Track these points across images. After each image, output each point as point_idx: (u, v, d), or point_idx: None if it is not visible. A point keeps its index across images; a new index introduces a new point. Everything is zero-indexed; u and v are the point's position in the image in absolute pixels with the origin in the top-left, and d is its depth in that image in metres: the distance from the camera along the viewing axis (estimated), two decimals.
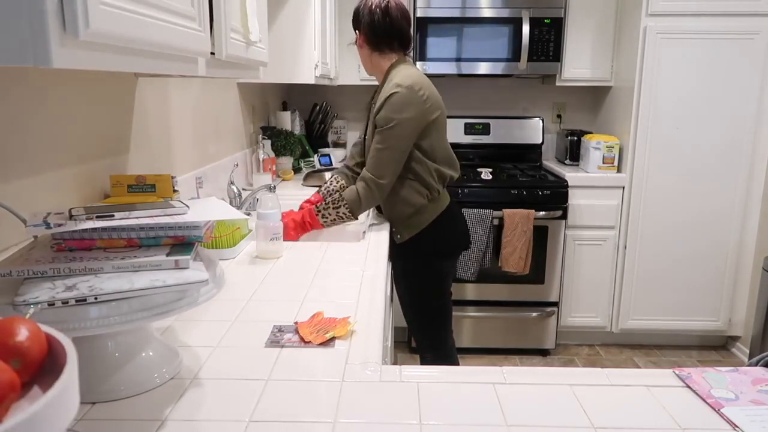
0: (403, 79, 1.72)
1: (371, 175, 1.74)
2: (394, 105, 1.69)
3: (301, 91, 3.47)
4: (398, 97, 1.69)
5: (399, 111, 1.69)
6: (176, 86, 1.78)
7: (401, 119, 1.69)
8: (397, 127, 1.70)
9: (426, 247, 1.86)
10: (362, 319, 1.11)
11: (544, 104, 3.45)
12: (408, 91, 1.70)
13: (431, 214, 1.84)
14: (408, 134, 1.72)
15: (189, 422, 0.76)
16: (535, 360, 3.01)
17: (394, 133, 1.70)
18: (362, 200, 1.75)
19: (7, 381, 0.42)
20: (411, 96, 1.70)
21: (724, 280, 2.94)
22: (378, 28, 1.79)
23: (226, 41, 1.06)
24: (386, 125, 1.71)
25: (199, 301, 0.81)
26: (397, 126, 1.70)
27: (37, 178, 1.09)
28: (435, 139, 1.79)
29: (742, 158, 2.81)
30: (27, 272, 0.75)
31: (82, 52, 0.58)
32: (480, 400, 0.82)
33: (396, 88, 1.70)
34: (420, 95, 1.71)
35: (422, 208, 1.82)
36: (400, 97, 1.69)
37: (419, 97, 1.71)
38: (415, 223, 1.83)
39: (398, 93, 1.70)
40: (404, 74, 1.75)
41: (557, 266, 2.93)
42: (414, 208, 1.81)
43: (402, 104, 1.69)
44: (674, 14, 2.71)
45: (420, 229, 1.84)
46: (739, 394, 0.82)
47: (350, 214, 1.77)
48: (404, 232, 1.85)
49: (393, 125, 1.70)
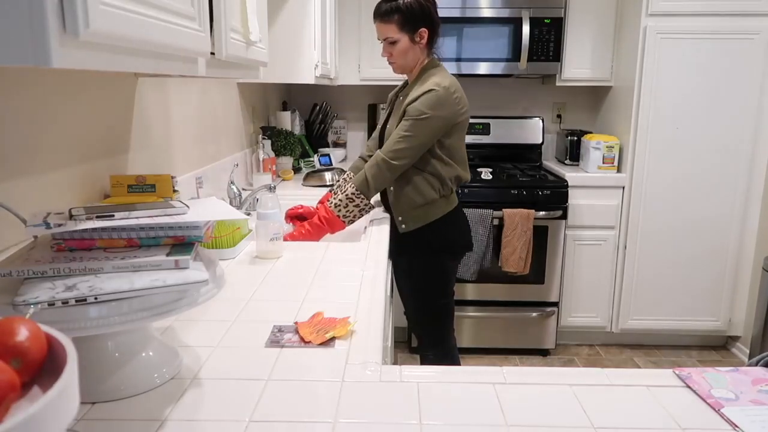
0: (442, 80, 1.77)
1: (384, 156, 1.76)
2: (431, 100, 1.74)
3: (301, 91, 3.47)
4: (436, 94, 1.74)
5: (433, 107, 1.74)
6: (176, 86, 1.78)
7: (433, 115, 1.74)
8: (426, 120, 1.73)
9: (434, 245, 1.87)
10: (362, 319, 1.11)
11: (544, 104, 3.45)
12: (445, 92, 1.75)
13: (440, 210, 1.86)
14: (434, 130, 1.76)
15: (189, 422, 0.76)
16: (535, 360, 3.01)
17: (422, 124, 1.74)
18: (369, 179, 1.76)
19: (7, 381, 0.42)
20: (447, 97, 1.75)
21: (724, 280, 2.94)
22: (438, 26, 1.85)
23: (226, 41, 1.06)
24: (417, 116, 1.74)
25: (199, 301, 0.81)
26: (427, 119, 1.73)
27: (37, 178, 1.09)
28: (456, 140, 1.84)
29: (742, 158, 2.81)
30: (27, 272, 0.75)
31: (82, 52, 0.58)
32: (480, 400, 0.82)
33: (435, 86, 1.75)
34: (455, 98, 1.77)
35: (432, 202, 1.84)
36: (437, 95, 1.74)
37: (454, 99, 1.77)
38: (423, 215, 1.85)
39: (437, 91, 1.74)
40: (442, 75, 1.81)
41: (557, 266, 2.93)
42: (424, 200, 1.83)
43: (438, 102, 1.74)
44: (674, 14, 2.71)
45: (426, 222, 1.85)
46: (739, 394, 0.82)
47: (360, 195, 1.77)
48: (410, 222, 1.86)
49: (424, 118, 1.73)
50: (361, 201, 1.77)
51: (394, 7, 1.77)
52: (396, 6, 1.77)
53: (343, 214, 1.78)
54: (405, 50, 1.82)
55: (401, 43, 1.80)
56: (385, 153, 1.76)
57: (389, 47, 1.83)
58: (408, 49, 1.82)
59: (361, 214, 1.80)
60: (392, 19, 1.78)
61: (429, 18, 1.80)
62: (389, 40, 1.81)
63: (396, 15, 1.77)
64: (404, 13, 1.77)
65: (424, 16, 1.79)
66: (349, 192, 1.77)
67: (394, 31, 1.79)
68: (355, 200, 1.77)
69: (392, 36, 1.80)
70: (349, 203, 1.77)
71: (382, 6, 1.80)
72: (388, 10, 1.78)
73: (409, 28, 1.79)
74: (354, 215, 1.79)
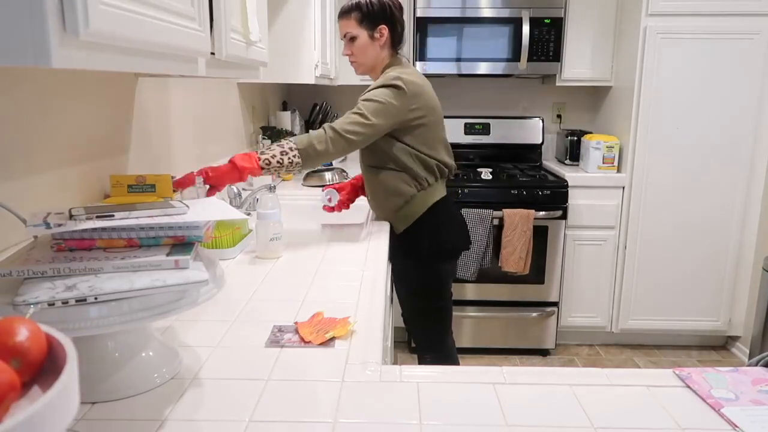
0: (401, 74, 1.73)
1: (331, 125, 1.66)
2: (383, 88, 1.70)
3: (301, 91, 3.47)
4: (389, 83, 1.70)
5: (387, 95, 1.69)
6: (176, 86, 1.78)
7: (387, 101, 1.69)
8: (377, 102, 1.68)
9: (426, 249, 1.85)
10: (362, 319, 1.11)
11: (544, 104, 3.45)
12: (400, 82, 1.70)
13: (423, 204, 1.82)
14: (386, 119, 1.69)
15: (189, 422, 0.76)
16: (535, 360, 3.01)
17: (371, 105, 1.68)
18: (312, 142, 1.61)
19: (7, 381, 0.42)
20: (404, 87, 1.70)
21: (724, 280, 2.94)
22: (400, 25, 1.84)
23: (226, 41, 1.06)
24: (369, 97, 1.70)
25: (199, 301, 0.81)
26: (378, 102, 1.68)
27: (37, 178, 1.09)
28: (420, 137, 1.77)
29: (742, 158, 2.81)
30: (27, 272, 0.75)
31: (82, 52, 0.58)
32: (480, 400, 0.82)
33: (396, 81, 1.70)
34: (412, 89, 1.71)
35: (412, 198, 1.81)
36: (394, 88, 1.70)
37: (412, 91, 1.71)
38: (408, 213, 1.82)
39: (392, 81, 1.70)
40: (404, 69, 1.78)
41: (557, 266, 2.93)
42: (404, 198, 1.80)
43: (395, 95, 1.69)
44: (674, 14, 2.71)
45: (414, 219, 1.82)
46: (739, 394, 0.82)
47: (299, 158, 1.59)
48: (399, 224, 1.84)
49: (374, 99, 1.69)
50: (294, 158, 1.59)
51: (354, 4, 1.80)
52: (356, 3, 1.80)
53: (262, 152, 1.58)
54: (364, 46, 1.81)
55: (360, 39, 1.80)
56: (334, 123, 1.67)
57: (350, 44, 1.83)
58: (367, 45, 1.81)
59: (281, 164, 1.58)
60: (351, 15, 1.80)
61: (389, 16, 1.80)
62: (349, 36, 1.82)
63: (354, 11, 1.79)
64: (362, 9, 1.79)
65: (383, 14, 1.80)
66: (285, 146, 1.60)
67: (353, 26, 1.80)
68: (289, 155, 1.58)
69: (351, 31, 1.80)
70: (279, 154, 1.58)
71: (344, 4, 1.83)
72: (348, 7, 1.81)
73: (367, 24, 1.79)
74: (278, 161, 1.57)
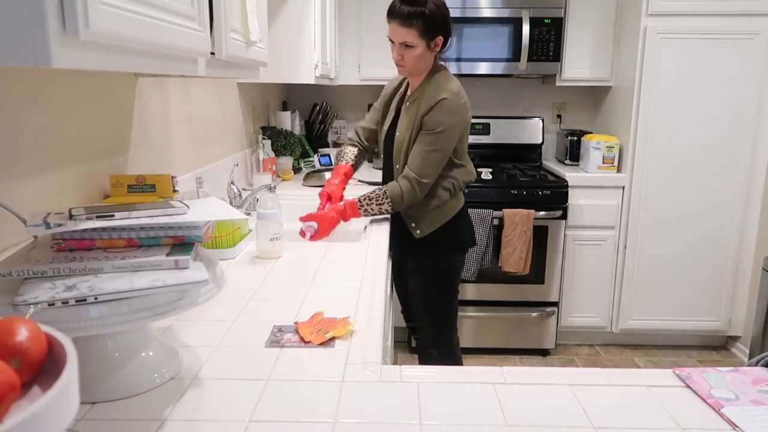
0: (451, 85, 1.78)
1: (416, 175, 1.78)
2: (445, 110, 1.75)
3: (301, 91, 3.47)
4: (448, 102, 1.75)
5: (450, 116, 1.75)
6: (176, 86, 1.78)
7: (451, 124, 1.76)
8: (447, 131, 1.76)
9: (446, 243, 1.90)
10: (362, 319, 1.11)
11: (544, 104, 3.45)
12: (456, 98, 1.76)
13: (452, 210, 1.89)
14: (454, 138, 1.79)
15: (189, 422, 0.76)
16: (535, 360, 3.01)
17: (443, 136, 1.76)
18: (405, 198, 1.80)
19: (7, 381, 0.42)
20: (458, 102, 1.77)
21: (724, 280, 2.94)
22: (451, 34, 1.83)
23: (226, 41, 1.06)
24: (436, 128, 1.75)
25: (199, 301, 0.81)
26: (447, 130, 1.76)
27: (37, 178, 1.09)
28: (464, 142, 1.87)
29: (742, 158, 2.81)
30: (27, 272, 0.75)
31: (82, 52, 0.58)
32: (480, 400, 0.82)
33: (446, 94, 1.75)
34: (463, 102, 1.79)
35: (444, 204, 1.87)
36: (451, 104, 1.75)
37: (463, 105, 1.79)
38: (436, 218, 1.88)
39: (448, 99, 1.75)
40: (448, 79, 1.82)
41: (557, 266, 2.93)
42: (439, 201, 1.86)
43: (453, 110, 1.76)
44: (674, 14, 2.71)
45: (440, 225, 1.88)
46: (739, 394, 0.82)
47: (391, 210, 1.83)
48: (425, 227, 1.88)
49: (443, 129, 1.75)
50: (387, 211, 1.83)
51: (418, 12, 1.70)
52: (420, 11, 1.70)
53: (365, 213, 1.82)
54: (420, 56, 1.76)
55: (418, 49, 1.74)
56: (416, 172, 1.77)
57: (403, 50, 1.76)
58: (423, 55, 1.77)
59: (376, 215, 1.84)
60: (413, 24, 1.71)
61: (447, 26, 1.78)
62: (405, 44, 1.75)
63: (419, 21, 1.70)
64: (427, 20, 1.71)
65: (443, 24, 1.76)
66: (384, 207, 1.81)
67: (413, 36, 1.72)
68: (384, 213, 1.83)
69: (410, 41, 1.73)
70: (378, 213, 1.83)
71: (404, 9, 1.71)
72: (411, 14, 1.70)
73: (428, 35, 1.74)
74: (374, 213, 1.83)
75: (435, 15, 1.72)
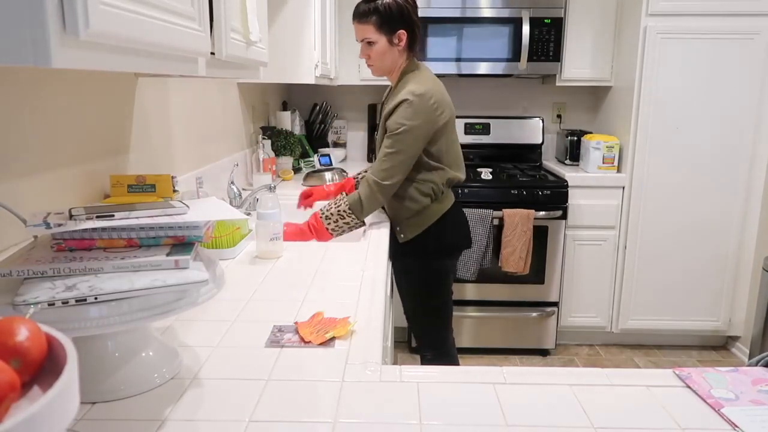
0: (416, 86, 1.74)
1: (374, 177, 1.75)
2: (406, 112, 1.71)
3: (301, 91, 3.47)
4: (410, 104, 1.71)
5: (410, 118, 1.71)
6: (176, 86, 1.78)
7: (411, 126, 1.71)
8: (406, 132, 1.71)
9: (429, 246, 1.87)
10: (362, 319, 1.11)
11: (544, 104, 3.45)
12: (420, 99, 1.72)
13: (434, 215, 1.85)
14: (417, 141, 1.74)
15: (189, 422, 0.76)
16: (535, 360, 3.01)
17: (403, 138, 1.72)
18: (363, 200, 1.75)
19: (7, 381, 0.42)
20: (422, 104, 1.72)
21: (724, 280, 2.94)
22: (417, 27, 1.81)
23: (226, 41, 1.06)
24: (396, 130, 1.72)
25: (199, 301, 0.81)
26: (407, 132, 1.71)
27: (37, 178, 1.09)
28: (444, 144, 1.81)
29: (742, 158, 2.81)
30: (27, 272, 0.75)
31: (82, 52, 0.58)
32: (480, 400, 0.82)
33: (408, 95, 1.72)
34: (431, 104, 1.73)
35: (426, 209, 1.83)
36: (412, 105, 1.71)
37: (431, 106, 1.73)
38: (419, 222, 1.84)
39: (410, 101, 1.71)
40: (419, 79, 1.77)
41: (557, 266, 2.93)
42: (418, 208, 1.82)
43: (414, 112, 1.71)
44: (674, 14, 2.71)
45: (423, 229, 1.85)
46: (739, 394, 0.82)
47: (353, 215, 1.76)
48: (407, 232, 1.86)
49: (402, 131, 1.71)
50: (352, 219, 1.77)
51: (372, 8, 1.75)
52: (374, 7, 1.74)
53: (332, 228, 1.77)
54: (383, 52, 1.79)
55: (379, 44, 1.78)
56: (375, 174, 1.75)
57: (367, 48, 1.80)
58: (386, 51, 1.79)
59: (351, 229, 1.79)
60: (369, 20, 1.75)
61: (408, 20, 1.77)
62: (366, 41, 1.79)
63: (373, 16, 1.75)
64: (382, 14, 1.74)
65: (402, 18, 1.76)
66: (342, 208, 1.76)
67: (371, 32, 1.77)
68: (346, 218, 1.76)
69: (369, 37, 1.77)
70: (339, 219, 1.76)
71: (360, 6, 1.77)
72: (365, 11, 1.76)
73: (386, 29, 1.76)
74: (343, 230, 1.78)
75: (390, 9, 1.75)
